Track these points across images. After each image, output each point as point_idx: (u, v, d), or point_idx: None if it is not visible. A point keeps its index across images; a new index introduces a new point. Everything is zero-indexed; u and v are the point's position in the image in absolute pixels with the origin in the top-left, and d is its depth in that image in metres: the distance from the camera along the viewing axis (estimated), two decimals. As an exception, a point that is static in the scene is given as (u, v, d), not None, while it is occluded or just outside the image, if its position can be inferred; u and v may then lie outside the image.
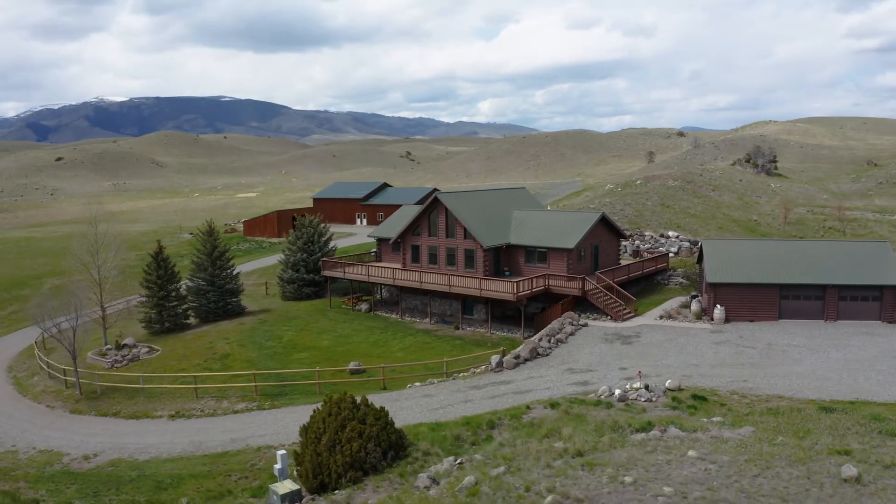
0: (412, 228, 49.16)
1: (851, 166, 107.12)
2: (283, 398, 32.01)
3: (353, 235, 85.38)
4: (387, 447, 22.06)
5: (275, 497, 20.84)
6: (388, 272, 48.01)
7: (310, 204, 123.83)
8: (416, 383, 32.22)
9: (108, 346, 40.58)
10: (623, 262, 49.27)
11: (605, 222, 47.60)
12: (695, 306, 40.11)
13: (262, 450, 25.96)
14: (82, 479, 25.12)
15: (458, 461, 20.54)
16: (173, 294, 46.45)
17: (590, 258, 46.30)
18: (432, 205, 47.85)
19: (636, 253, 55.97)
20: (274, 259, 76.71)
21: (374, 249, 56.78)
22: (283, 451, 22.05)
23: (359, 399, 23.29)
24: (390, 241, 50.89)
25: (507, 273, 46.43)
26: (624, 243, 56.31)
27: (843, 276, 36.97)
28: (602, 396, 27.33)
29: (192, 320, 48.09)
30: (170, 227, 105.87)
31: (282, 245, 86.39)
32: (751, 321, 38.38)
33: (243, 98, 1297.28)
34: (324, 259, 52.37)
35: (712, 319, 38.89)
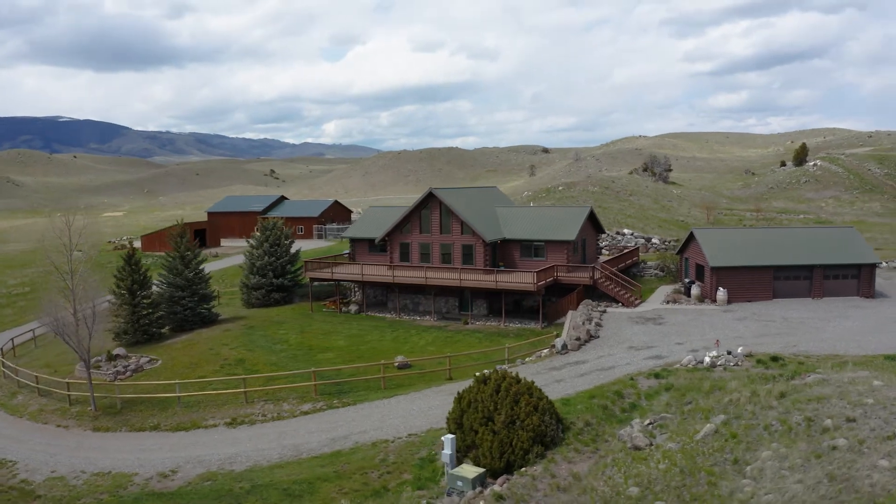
0: (401, 226, 47.81)
1: (731, 175, 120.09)
2: (350, 395, 29.65)
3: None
4: (557, 419, 21.34)
5: (459, 483, 19.31)
6: (385, 270, 46.27)
7: (196, 219, 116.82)
8: (485, 371, 31.23)
9: (99, 358, 35.25)
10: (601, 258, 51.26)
11: (591, 217, 49.31)
12: (695, 290, 42.58)
13: (379, 444, 23.87)
14: (180, 499, 21.60)
15: (648, 422, 20.31)
16: (145, 302, 41.48)
17: (580, 251, 47.70)
18: (425, 202, 46.90)
19: (598, 250, 58.32)
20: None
21: (347, 251, 54.41)
22: (450, 436, 20.50)
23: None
24: (376, 241, 49.07)
25: (501, 267, 46.51)
26: (601, 237, 58.52)
27: (827, 256, 41.11)
28: (690, 364, 28.26)
29: (164, 330, 43.11)
30: (51, 246, 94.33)
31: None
32: (749, 301, 41.45)
33: (82, 118, 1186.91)
34: (307, 261, 49.34)
35: (714, 301, 41.52)
